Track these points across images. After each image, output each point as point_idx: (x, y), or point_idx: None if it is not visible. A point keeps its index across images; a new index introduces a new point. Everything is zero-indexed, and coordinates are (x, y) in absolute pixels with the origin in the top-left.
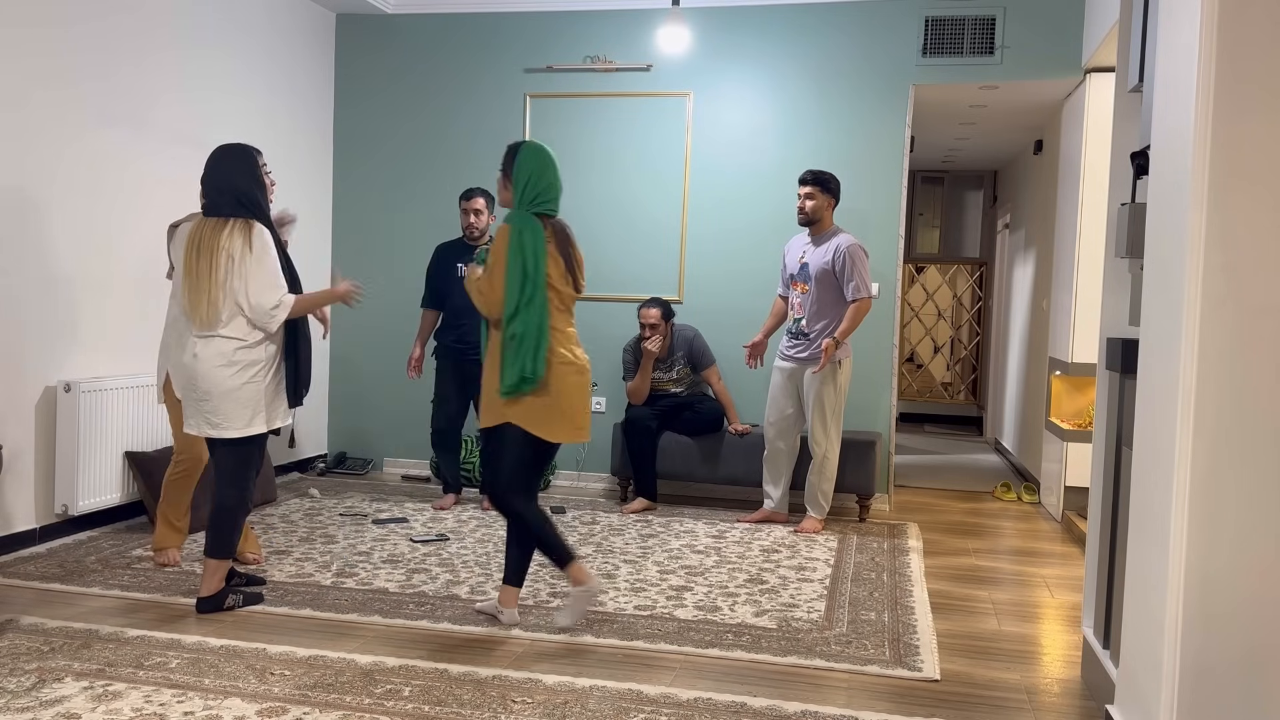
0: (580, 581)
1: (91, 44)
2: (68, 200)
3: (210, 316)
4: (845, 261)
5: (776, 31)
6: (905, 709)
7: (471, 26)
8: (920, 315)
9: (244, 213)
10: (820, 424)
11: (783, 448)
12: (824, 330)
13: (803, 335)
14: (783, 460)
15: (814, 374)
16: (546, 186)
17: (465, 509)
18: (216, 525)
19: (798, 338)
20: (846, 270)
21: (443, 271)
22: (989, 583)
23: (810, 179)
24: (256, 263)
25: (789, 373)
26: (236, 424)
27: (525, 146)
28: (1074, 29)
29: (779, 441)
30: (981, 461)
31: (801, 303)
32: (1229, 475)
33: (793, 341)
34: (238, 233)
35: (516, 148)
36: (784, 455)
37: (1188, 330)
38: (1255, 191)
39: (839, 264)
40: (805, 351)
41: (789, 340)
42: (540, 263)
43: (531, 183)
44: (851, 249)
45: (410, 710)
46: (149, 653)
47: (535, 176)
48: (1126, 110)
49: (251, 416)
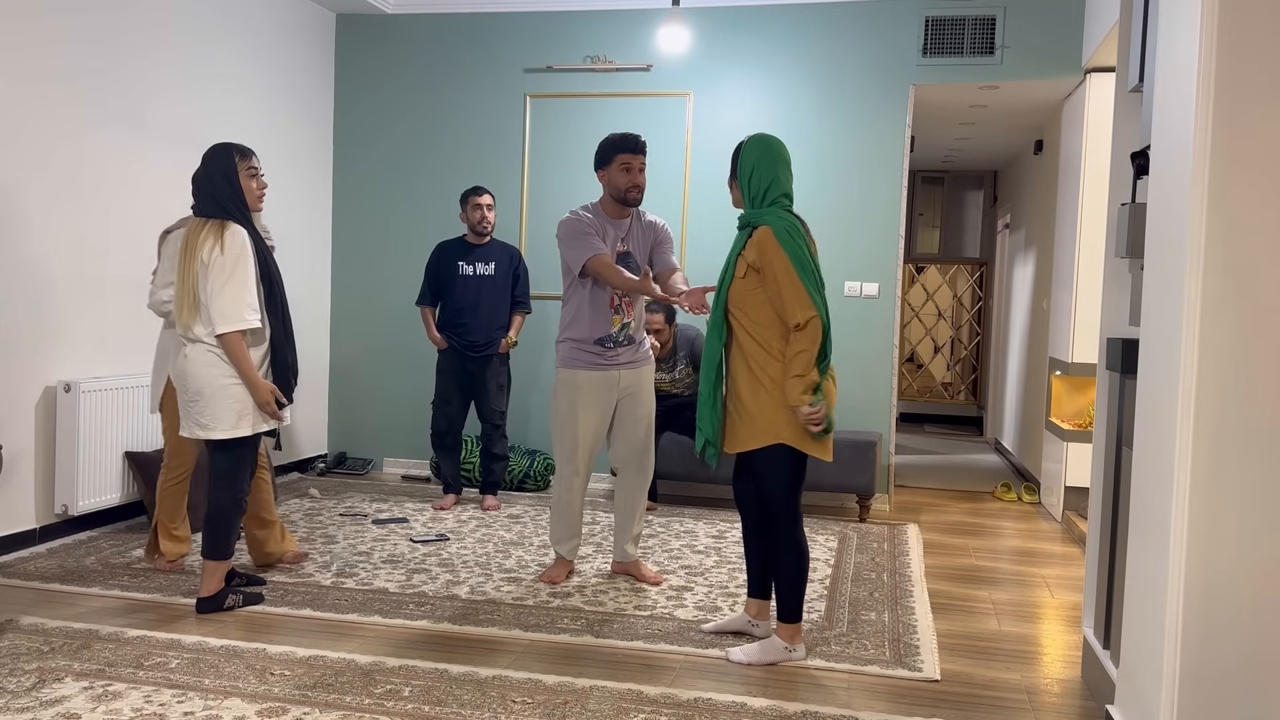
0: (789, 639)
1: (90, 42)
2: (67, 200)
3: (190, 319)
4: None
5: (776, 31)
6: (905, 709)
7: (471, 26)
8: (920, 315)
9: (220, 213)
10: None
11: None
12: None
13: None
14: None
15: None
16: (773, 179)
17: (465, 509)
18: (212, 527)
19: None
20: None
21: (443, 270)
22: (989, 583)
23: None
24: (223, 269)
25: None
26: (224, 424)
27: (749, 141)
28: (1074, 29)
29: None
30: (981, 461)
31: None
32: (1229, 475)
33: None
34: (211, 234)
35: (740, 146)
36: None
37: (1188, 330)
38: (1256, 191)
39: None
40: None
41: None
42: (810, 252)
43: (756, 176)
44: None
45: (410, 710)
46: (149, 653)
47: (758, 169)
48: (1126, 110)
49: (238, 417)
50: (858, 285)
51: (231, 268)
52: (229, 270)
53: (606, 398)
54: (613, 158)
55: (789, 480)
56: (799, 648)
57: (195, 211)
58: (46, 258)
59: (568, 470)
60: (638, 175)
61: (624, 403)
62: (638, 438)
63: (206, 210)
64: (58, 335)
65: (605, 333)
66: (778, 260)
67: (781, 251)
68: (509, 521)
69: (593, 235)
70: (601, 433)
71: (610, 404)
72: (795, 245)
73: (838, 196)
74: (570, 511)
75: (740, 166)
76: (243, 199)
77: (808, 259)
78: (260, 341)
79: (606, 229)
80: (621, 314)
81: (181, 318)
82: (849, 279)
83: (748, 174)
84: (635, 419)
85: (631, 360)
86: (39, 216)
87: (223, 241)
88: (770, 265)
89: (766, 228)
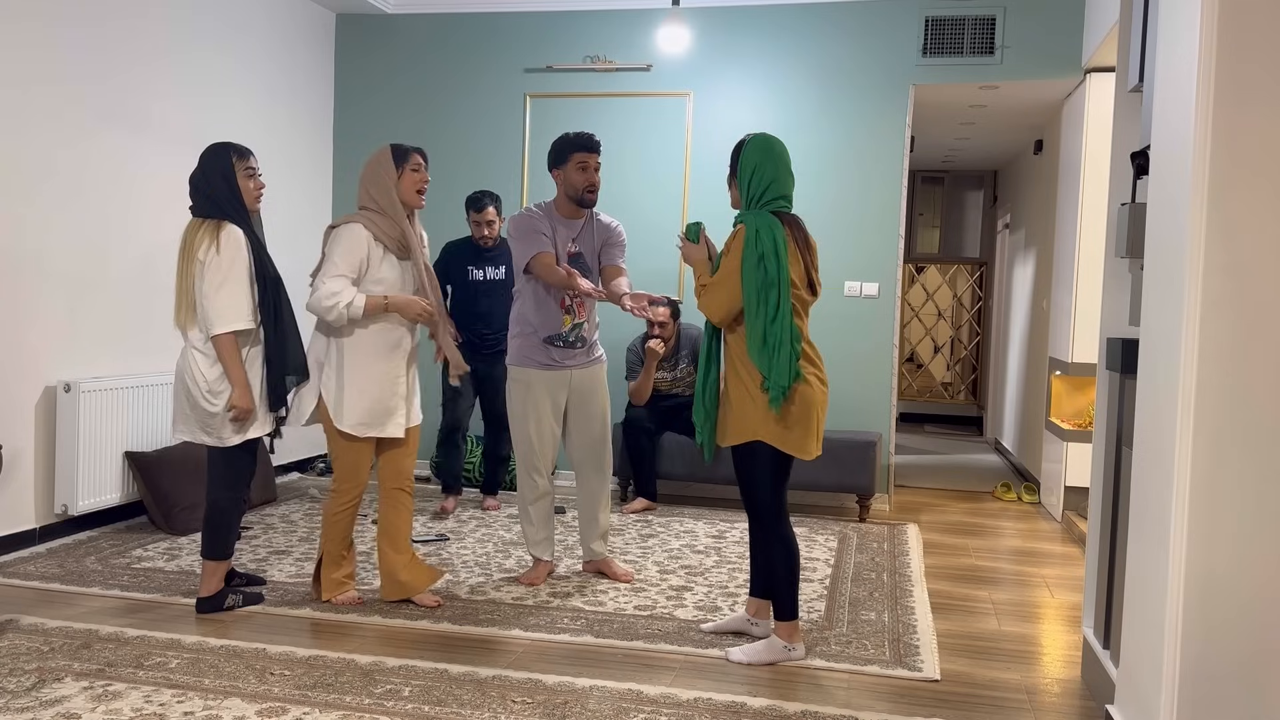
0: (788, 637)
1: (90, 42)
2: (67, 200)
3: (186, 321)
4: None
5: (776, 31)
6: (905, 709)
7: (471, 26)
8: (920, 315)
9: (216, 213)
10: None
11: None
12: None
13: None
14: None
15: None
16: (773, 181)
17: (465, 509)
18: (210, 527)
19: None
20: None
21: (453, 273)
22: (989, 583)
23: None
24: (219, 270)
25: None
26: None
27: (750, 141)
28: (1074, 29)
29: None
30: (981, 461)
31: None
32: (1229, 475)
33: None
34: (207, 234)
35: (741, 144)
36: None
37: (1188, 330)
38: (1255, 191)
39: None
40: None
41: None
42: (783, 263)
43: (756, 177)
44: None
45: (410, 710)
46: (149, 653)
47: (759, 169)
48: (1126, 110)
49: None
50: (858, 285)
51: (227, 269)
52: (224, 272)
53: (557, 397)
54: (569, 156)
55: (770, 477)
56: (798, 646)
57: (193, 212)
58: (47, 258)
59: (529, 471)
60: (594, 175)
61: (575, 403)
62: (593, 436)
63: (203, 210)
64: (58, 335)
65: (555, 331)
66: (729, 258)
67: (738, 252)
68: (509, 521)
69: (539, 234)
70: (556, 431)
71: (561, 402)
72: (762, 250)
73: (838, 196)
74: (538, 512)
75: (741, 166)
76: (240, 199)
77: (773, 266)
78: (255, 342)
79: (557, 228)
80: (573, 314)
81: (179, 319)
82: (849, 279)
83: (748, 174)
84: (589, 417)
85: (583, 361)
86: (39, 217)
87: (218, 242)
88: (728, 259)
89: (741, 226)
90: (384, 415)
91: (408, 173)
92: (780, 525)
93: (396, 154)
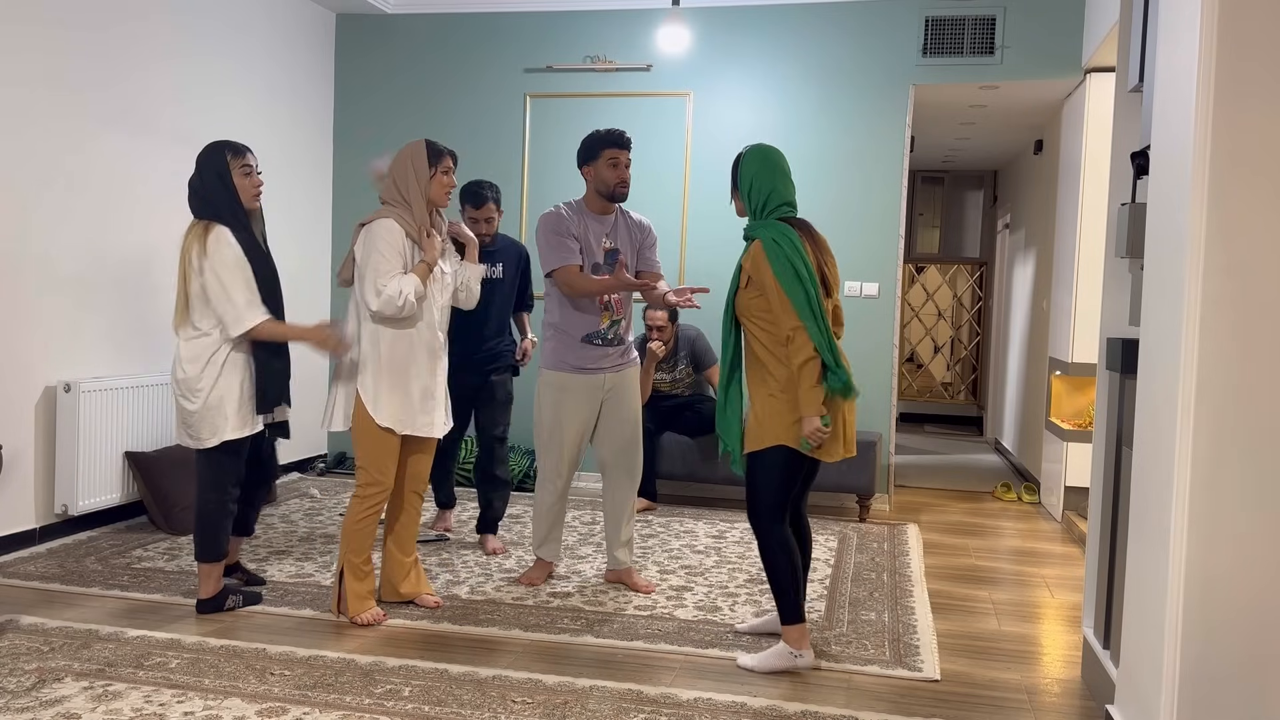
0: (795, 643)
1: (91, 43)
2: (68, 200)
3: (179, 320)
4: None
5: (776, 31)
6: (905, 709)
7: (471, 26)
8: (920, 315)
9: (210, 213)
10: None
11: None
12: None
13: (621, 340)
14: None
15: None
16: (772, 190)
17: (465, 509)
18: (199, 529)
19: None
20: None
21: None
22: (989, 583)
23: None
24: (215, 273)
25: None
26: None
27: (746, 153)
28: (1074, 29)
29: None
30: (981, 461)
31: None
32: (1229, 475)
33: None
34: (196, 236)
35: (739, 157)
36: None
37: (1188, 330)
38: (1255, 191)
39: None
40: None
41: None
42: (809, 266)
43: (756, 187)
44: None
45: (410, 710)
46: (149, 653)
47: (757, 180)
48: (1126, 110)
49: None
50: (858, 285)
51: (223, 271)
52: (224, 274)
53: (591, 401)
54: (600, 152)
55: (780, 481)
56: (805, 653)
57: (193, 213)
58: (48, 259)
59: (550, 473)
60: (624, 170)
61: (609, 405)
62: (624, 438)
63: (198, 211)
64: (58, 335)
65: (593, 329)
66: (766, 274)
67: (768, 265)
68: (509, 521)
69: (569, 240)
70: (586, 435)
71: (595, 407)
72: (782, 255)
73: (838, 196)
74: (552, 513)
75: (740, 179)
76: (236, 198)
77: (801, 267)
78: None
79: (590, 226)
80: (611, 310)
81: (175, 318)
82: (849, 279)
83: (747, 186)
84: (621, 420)
85: (618, 363)
86: (39, 217)
87: (205, 245)
88: (761, 278)
89: (758, 241)
90: (421, 414)
91: (439, 175)
92: (778, 528)
93: (431, 152)
